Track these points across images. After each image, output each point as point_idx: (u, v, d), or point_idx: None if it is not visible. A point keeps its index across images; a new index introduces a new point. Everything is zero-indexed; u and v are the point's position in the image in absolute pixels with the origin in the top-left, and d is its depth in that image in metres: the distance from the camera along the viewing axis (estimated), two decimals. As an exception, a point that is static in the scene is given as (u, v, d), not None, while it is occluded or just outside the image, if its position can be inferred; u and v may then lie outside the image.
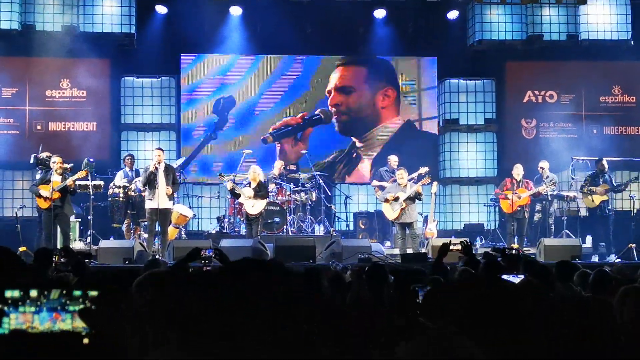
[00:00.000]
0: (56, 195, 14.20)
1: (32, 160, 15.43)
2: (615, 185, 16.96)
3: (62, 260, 9.54)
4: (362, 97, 20.39)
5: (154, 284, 4.54)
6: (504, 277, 6.67)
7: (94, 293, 2.78)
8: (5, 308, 2.73)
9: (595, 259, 15.85)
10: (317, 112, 20.18)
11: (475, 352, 3.14)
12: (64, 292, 2.76)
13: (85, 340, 2.74)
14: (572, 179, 17.81)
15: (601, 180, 16.67)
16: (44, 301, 2.76)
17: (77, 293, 2.77)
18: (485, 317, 3.36)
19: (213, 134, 19.91)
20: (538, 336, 3.65)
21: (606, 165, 16.91)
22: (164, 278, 4.59)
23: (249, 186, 15.67)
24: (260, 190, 15.56)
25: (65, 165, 14.58)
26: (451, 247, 8.09)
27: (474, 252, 8.51)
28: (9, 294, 2.75)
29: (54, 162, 14.43)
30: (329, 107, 20.23)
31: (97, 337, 2.74)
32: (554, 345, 3.76)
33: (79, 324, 2.75)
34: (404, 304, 5.16)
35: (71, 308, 2.76)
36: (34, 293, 2.76)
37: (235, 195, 15.93)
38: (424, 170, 17.29)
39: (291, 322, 2.93)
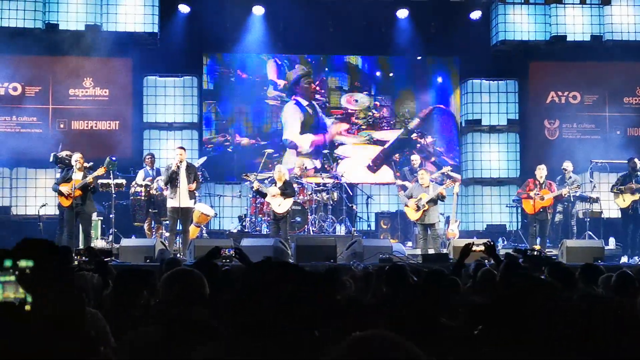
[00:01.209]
0: (77, 193, 14.26)
1: (51, 159, 15.49)
2: None
3: (83, 259, 9.60)
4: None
5: (182, 280, 4.53)
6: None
7: (24, 263, 2.75)
8: None
9: (624, 259, 15.72)
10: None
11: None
12: None
13: (27, 307, 2.71)
14: (590, 181, 17.69)
15: (633, 180, 16.52)
16: None
17: (8, 263, 2.74)
18: (503, 316, 3.34)
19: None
20: (558, 337, 3.62)
21: (638, 164, 16.73)
22: (192, 274, 4.58)
23: (275, 185, 15.67)
24: (287, 189, 15.56)
25: (86, 164, 14.64)
26: (474, 247, 8.03)
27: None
28: None
29: (75, 160, 14.50)
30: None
31: (35, 304, 2.72)
32: (573, 345, 3.72)
33: (10, 294, 2.72)
34: (425, 304, 5.13)
35: (1, 279, 2.73)
36: None
37: (261, 194, 15.93)
38: (446, 169, 17.24)
39: (302, 323, 2.92)
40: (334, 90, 20.47)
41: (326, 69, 20.51)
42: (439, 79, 20.62)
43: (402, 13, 19.86)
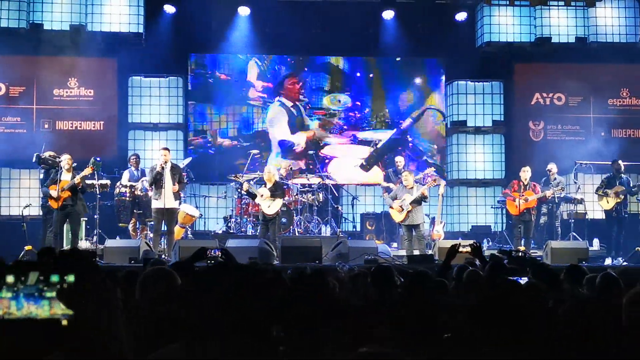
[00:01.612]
0: (67, 194, 14.22)
1: (34, 159, 15.42)
2: (631, 187, 16.84)
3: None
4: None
5: (160, 280, 4.52)
6: (510, 279, 6.65)
7: (71, 278, 2.73)
8: None
9: (608, 262, 15.79)
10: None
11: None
12: (41, 277, 2.72)
13: (64, 322, 2.69)
14: (575, 182, 17.74)
15: (617, 182, 16.59)
16: (20, 287, 2.71)
17: (55, 279, 2.72)
18: (489, 317, 3.34)
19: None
20: (541, 337, 3.62)
21: (622, 166, 16.81)
22: (170, 274, 4.57)
23: (264, 186, 15.65)
24: (277, 190, 15.54)
25: (74, 164, 14.61)
26: (460, 249, 8.04)
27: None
28: None
29: (62, 161, 14.45)
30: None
31: (76, 321, 2.70)
32: (558, 346, 3.74)
33: (57, 310, 2.70)
34: (411, 305, 5.13)
35: (49, 294, 2.71)
36: (10, 278, 2.71)
37: (251, 195, 15.90)
38: (429, 170, 17.27)
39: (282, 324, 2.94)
40: (314, 91, 20.45)
41: (305, 69, 20.46)
42: (417, 80, 20.60)
43: (388, 14, 19.87)
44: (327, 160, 20.16)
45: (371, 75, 20.58)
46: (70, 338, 2.68)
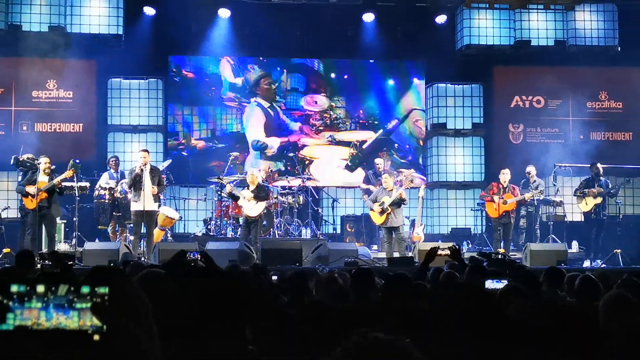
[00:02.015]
0: (43, 195, 14.14)
1: (12, 162, 15.31)
2: (609, 188, 16.94)
3: (47, 262, 9.51)
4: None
5: (151, 284, 4.50)
6: (489, 281, 6.68)
7: (102, 290, 2.73)
8: (10, 303, 2.68)
9: (587, 264, 15.87)
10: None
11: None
12: (72, 288, 2.71)
13: (96, 337, 2.69)
14: (554, 184, 17.82)
15: (596, 184, 16.68)
16: (50, 297, 2.70)
17: (85, 290, 2.72)
18: (466, 322, 3.35)
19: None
20: (520, 341, 3.63)
21: (601, 169, 16.92)
22: (162, 277, 4.55)
23: (247, 188, 15.63)
24: (260, 193, 15.52)
25: (53, 167, 14.53)
26: (439, 251, 8.07)
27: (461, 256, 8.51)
28: (14, 288, 2.70)
29: (41, 163, 14.37)
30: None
31: (108, 334, 2.70)
32: (536, 350, 3.74)
33: (87, 322, 2.70)
34: (391, 307, 5.14)
35: (78, 305, 2.71)
36: (40, 288, 2.70)
37: (234, 197, 15.87)
38: (408, 172, 17.30)
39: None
40: (290, 92, 20.45)
41: (277, 68, 20.43)
42: (391, 82, 20.64)
43: (369, 17, 19.89)
44: (307, 162, 20.15)
45: (346, 76, 20.60)
46: (102, 351, 2.68)
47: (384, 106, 20.60)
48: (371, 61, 20.58)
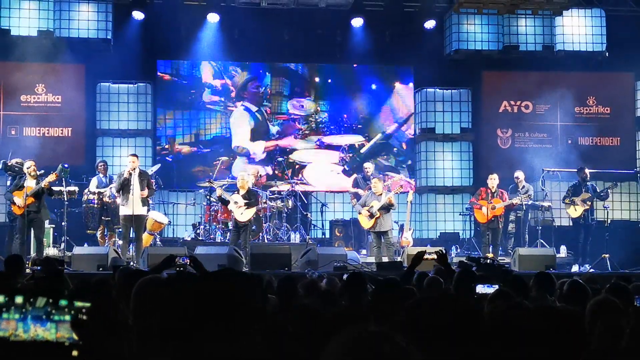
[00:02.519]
0: (30, 200, 14.11)
1: (0, 166, 15.28)
2: (599, 192, 16.99)
3: (36, 268, 9.49)
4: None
5: (157, 291, 4.50)
6: (480, 286, 6.70)
7: (80, 304, 2.74)
8: None
9: (575, 268, 15.92)
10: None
11: None
12: (50, 300, 2.72)
13: (75, 353, 2.70)
14: (542, 189, 17.87)
15: (583, 189, 16.74)
16: (29, 309, 2.71)
17: (63, 302, 2.73)
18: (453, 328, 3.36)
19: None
20: (506, 346, 3.66)
21: (588, 174, 16.98)
22: (166, 284, 4.56)
23: (237, 193, 15.62)
24: (250, 198, 15.51)
25: (38, 172, 14.49)
26: (426, 256, 8.09)
27: (449, 261, 8.53)
28: None
29: (27, 167, 14.34)
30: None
31: (86, 349, 2.71)
32: (523, 355, 3.77)
33: (64, 334, 2.71)
34: (383, 312, 5.16)
35: (56, 317, 2.71)
36: (19, 300, 2.71)
37: (223, 202, 15.86)
38: (398, 177, 17.31)
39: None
40: (275, 96, 20.46)
41: (261, 71, 20.44)
42: (373, 86, 20.69)
43: (357, 22, 19.91)
44: (297, 166, 20.16)
45: (330, 80, 20.65)
46: None
47: (371, 110, 20.63)
48: (354, 65, 20.63)
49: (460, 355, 3.18)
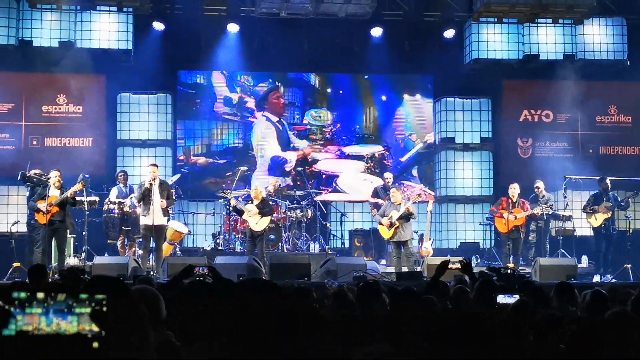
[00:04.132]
0: (55, 209, 14.18)
1: (19, 178, 15.34)
2: (619, 201, 16.88)
3: (56, 277, 9.53)
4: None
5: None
6: (501, 296, 6.66)
7: (100, 296, 2.77)
8: (12, 309, 2.72)
9: (596, 278, 15.82)
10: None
11: None
12: (71, 294, 2.75)
13: (95, 344, 2.72)
14: (564, 197, 17.77)
15: (604, 199, 16.63)
16: (50, 303, 2.74)
17: (84, 296, 2.76)
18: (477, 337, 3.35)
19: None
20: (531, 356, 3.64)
21: (609, 184, 16.87)
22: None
23: (252, 203, 15.63)
24: (264, 207, 15.54)
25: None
26: (450, 265, 8.04)
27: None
28: (15, 294, 2.74)
29: (51, 177, 14.41)
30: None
31: (106, 341, 2.73)
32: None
33: (85, 327, 2.74)
34: (398, 322, 5.13)
35: (77, 310, 2.74)
36: (40, 295, 2.75)
37: (238, 212, 15.88)
38: (418, 187, 17.25)
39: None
40: (287, 106, 20.49)
41: (270, 80, 20.47)
42: (383, 97, 20.71)
43: (377, 31, 19.91)
44: (323, 176, 20.14)
45: (341, 91, 20.70)
46: (100, 357, 2.72)
47: (384, 120, 20.64)
48: (365, 77, 20.68)
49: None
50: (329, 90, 20.70)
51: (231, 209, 16.36)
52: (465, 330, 3.51)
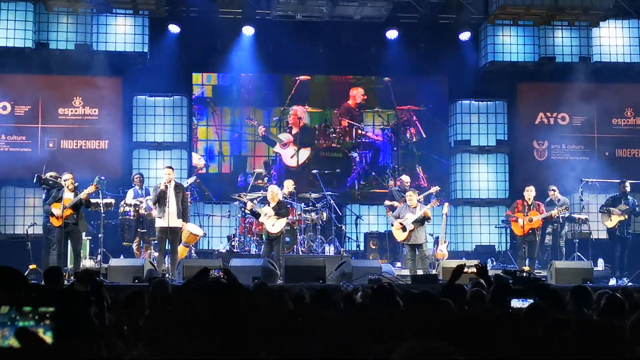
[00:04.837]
0: (68, 212, 14.24)
1: (34, 180, 15.41)
2: (636, 206, 16.81)
3: (72, 279, 9.56)
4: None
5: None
6: (515, 300, 6.64)
7: (44, 309, 2.74)
8: None
9: (612, 282, 15.75)
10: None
11: None
12: (15, 307, 2.73)
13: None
14: (581, 200, 17.70)
15: (623, 201, 16.57)
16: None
17: (27, 309, 2.73)
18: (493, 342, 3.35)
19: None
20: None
21: (628, 188, 16.82)
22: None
23: (268, 205, 15.64)
24: (281, 209, 15.53)
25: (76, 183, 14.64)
26: (466, 269, 8.02)
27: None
28: None
29: (65, 180, 14.48)
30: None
31: (54, 351, 2.72)
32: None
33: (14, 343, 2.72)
34: (414, 325, 5.13)
35: (20, 324, 2.72)
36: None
37: (255, 214, 15.89)
38: (434, 189, 17.19)
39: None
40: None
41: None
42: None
43: (392, 34, 19.90)
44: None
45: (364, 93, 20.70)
46: None
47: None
48: (387, 79, 20.67)
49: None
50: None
51: (247, 211, 16.36)
52: (477, 331, 3.51)
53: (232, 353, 3.16)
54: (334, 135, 20.40)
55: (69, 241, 14.53)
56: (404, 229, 15.49)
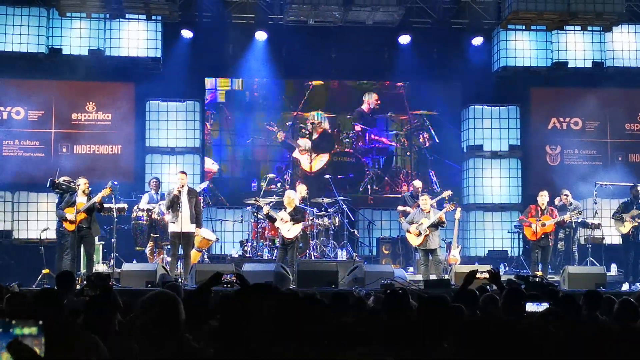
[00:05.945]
0: (82, 216, 14.27)
1: (48, 185, 15.45)
2: None
3: (84, 283, 9.58)
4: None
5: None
6: (530, 304, 6.63)
7: (27, 331, 2.72)
8: None
9: (625, 287, 15.68)
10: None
11: None
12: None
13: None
14: (595, 204, 17.63)
15: (635, 206, 16.50)
16: None
17: (18, 332, 2.71)
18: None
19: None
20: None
21: None
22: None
23: (284, 210, 15.64)
24: (297, 214, 15.51)
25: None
26: (478, 274, 8.00)
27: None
28: None
29: (79, 184, 14.52)
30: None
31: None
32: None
33: (6, 356, 2.70)
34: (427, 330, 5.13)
35: (17, 332, 2.71)
36: None
37: (271, 219, 15.89)
38: (446, 194, 17.15)
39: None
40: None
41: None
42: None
43: (404, 39, 19.90)
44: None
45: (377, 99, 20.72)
46: None
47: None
48: (400, 84, 20.67)
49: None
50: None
51: (263, 216, 16.37)
52: (491, 337, 3.51)
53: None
54: (347, 140, 20.45)
55: (82, 246, 14.56)
56: (419, 233, 15.47)
